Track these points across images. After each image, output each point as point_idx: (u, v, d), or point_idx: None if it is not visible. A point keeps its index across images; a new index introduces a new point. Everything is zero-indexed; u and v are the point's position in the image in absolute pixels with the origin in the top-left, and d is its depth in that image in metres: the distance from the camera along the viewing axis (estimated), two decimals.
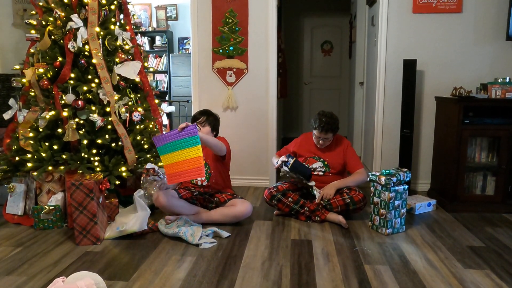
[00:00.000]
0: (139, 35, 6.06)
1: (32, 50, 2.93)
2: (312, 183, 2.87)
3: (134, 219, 2.54)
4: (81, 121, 2.78)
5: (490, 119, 3.02)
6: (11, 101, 2.97)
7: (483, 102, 3.03)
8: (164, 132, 2.62)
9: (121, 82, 2.93)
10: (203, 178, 2.86)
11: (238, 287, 1.95)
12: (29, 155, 2.76)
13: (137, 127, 2.98)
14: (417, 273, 2.08)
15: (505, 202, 3.04)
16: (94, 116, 2.75)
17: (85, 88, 2.78)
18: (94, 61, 2.81)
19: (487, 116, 3.04)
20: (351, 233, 2.63)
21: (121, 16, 3.16)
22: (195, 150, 2.42)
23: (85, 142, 2.75)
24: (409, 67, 3.31)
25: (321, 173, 2.96)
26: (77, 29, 2.81)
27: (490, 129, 3.02)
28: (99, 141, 2.78)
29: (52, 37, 2.81)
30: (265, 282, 1.99)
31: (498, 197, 3.05)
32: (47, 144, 2.76)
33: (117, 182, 2.74)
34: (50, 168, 2.73)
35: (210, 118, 2.90)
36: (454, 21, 3.44)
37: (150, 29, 6.23)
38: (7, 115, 2.97)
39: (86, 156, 2.74)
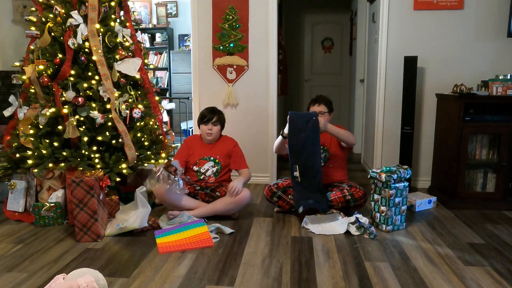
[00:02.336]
0: (139, 32, 6.06)
1: (32, 47, 2.92)
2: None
3: (134, 216, 2.54)
4: (82, 118, 2.78)
5: (491, 116, 3.02)
6: (11, 98, 2.96)
7: (484, 99, 3.02)
8: (167, 226, 2.66)
9: (122, 79, 2.93)
10: (212, 175, 2.94)
11: (238, 284, 1.95)
12: (29, 152, 2.76)
13: (138, 124, 2.98)
14: (417, 270, 2.08)
15: (506, 199, 3.04)
16: (95, 113, 2.74)
17: (85, 85, 2.77)
18: (94, 58, 2.80)
19: (488, 113, 3.04)
20: None
21: (121, 13, 3.16)
22: (200, 228, 2.54)
23: (85, 139, 2.75)
24: (410, 64, 3.30)
25: (322, 164, 2.94)
26: (77, 26, 2.80)
27: (491, 126, 3.01)
28: (99, 138, 2.78)
29: (52, 34, 2.81)
30: (266, 279, 2.00)
31: (498, 194, 3.05)
32: (47, 141, 2.76)
33: (118, 179, 2.74)
34: (50, 165, 2.73)
35: (220, 116, 2.98)
36: (455, 17, 3.43)
37: (150, 26, 6.23)
38: (7, 112, 2.97)
39: (86, 153, 2.74)
